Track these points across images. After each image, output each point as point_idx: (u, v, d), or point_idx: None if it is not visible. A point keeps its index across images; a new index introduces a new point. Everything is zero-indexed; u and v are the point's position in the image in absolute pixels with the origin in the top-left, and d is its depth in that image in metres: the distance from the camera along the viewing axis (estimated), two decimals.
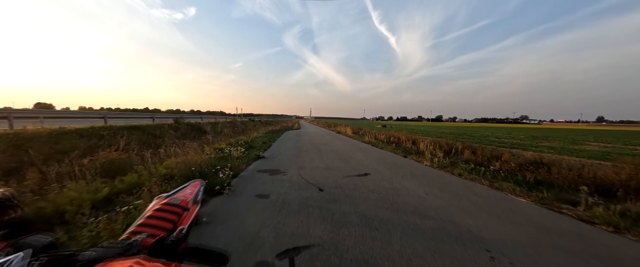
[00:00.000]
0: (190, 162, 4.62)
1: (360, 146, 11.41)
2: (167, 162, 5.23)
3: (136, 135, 11.24)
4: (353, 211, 3.21)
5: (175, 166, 4.76)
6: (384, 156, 8.34)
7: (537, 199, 3.90)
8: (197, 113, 69.88)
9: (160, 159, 5.89)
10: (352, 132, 20.90)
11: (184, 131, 15.41)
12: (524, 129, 48.35)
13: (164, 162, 5.35)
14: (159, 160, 5.78)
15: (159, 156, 6.23)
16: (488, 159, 8.73)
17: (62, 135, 8.60)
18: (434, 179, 5.11)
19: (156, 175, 4.33)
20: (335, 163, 6.63)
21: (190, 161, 4.80)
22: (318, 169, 5.80)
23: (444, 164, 6.55)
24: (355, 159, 7.43)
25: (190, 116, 25.31)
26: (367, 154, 8.53)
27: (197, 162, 5.15)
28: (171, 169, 4.67)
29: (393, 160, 7.33)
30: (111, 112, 14.90)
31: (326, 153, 8.59)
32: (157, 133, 12.86)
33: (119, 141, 5.40)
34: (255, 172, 5.53)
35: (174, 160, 5.21)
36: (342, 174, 5.37)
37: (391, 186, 4.48)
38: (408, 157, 8.03)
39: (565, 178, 5.53)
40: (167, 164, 5.16)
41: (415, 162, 7.05)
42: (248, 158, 6.94)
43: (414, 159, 7.60)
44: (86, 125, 10.18)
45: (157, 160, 5.77)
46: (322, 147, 10.27)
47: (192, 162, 4.52)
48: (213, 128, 16.17)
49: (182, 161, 4.88)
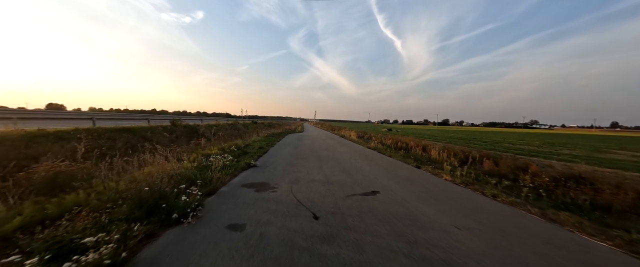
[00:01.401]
0: (154, 176, 3.70)
1: (365, 152, 10.36)
2: (131, 175, 4.32)
3: (124, 138, 10.46)
4: (357, 261, 2.20)
5: (144, 178, 3.86)
6: (393, 166, 7.28)
7: (624, 242, 2.73)
8: (202, 115, 69.93)
9: (134, 168, 4.99)
10: (356, 136, 19.83)
11: (179, 134, 14.63)
12: (537, 135, 46.35)
13: (126, 175, 4.45)
14: (132, 169, 4.88)
15: (133, 164, 5.33)
16: (512, 171, 7.60)
17: (37, 138, 7.82)
18: (463, 202, 4.02)
19: (108, 193, 3.41)
20: (337, 175, 5.63)
21: (155, 174, 3.87)
22: (315, 184, 4.80)
23: (468, 179, 5.45)
24: (360, 170, 6.40)
25: (192, 118, 24.67)
26: (373, 164, 7.49)
27: (167, 173, 4.23)
28: (134, 183, 3.75)
29: (405, 172, 6.27)
30: (101, 113, 14.18)
31: (327, 161, 7.58)
32: (149, 136, 12.06)
33: (78, 146, 4.53)
34: (239, 186, 4.56)
35: (140, 172, 4.30)
36: (343, 191, 4.36)
37: (407, 212, 3.44)
38: (422, 168, 6.96)
39: (623, 202, 4.41)
40: (132, 177, 4.26)
41: (432, 176, 5.96)
42: (236, 167, 6.00)
43: (430, 171, 6.51)
44: (70, 127, 9.43)
45: (128, 169, 4.88)
46: (323, 154, 9.27)
47: (154, 177, 3.60)
48: (209, 131, 15.35)
49: (147, 174, 3.96)
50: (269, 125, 31.87)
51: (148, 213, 2.86)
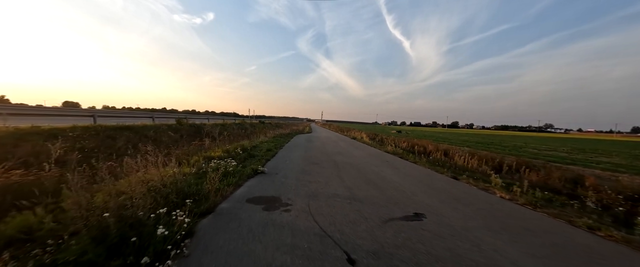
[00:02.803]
0: (134, 189, 2.82)
1: (384, 157, 9.30)
2: (109, 187, 3.46)
3: (125, 137, 9.76)
4: None
5: (120, 191, 3.00)
6: (425, 175, 6.20)
7: None
8: (210, 114, 70.16)
9: (118, 176, 4.15)
10: (368, 138, 18.74)
11: (184, 133, 13.94)
12: (556, 139, 43.87)
13: (107, 186, 3.60)
14: (117, 176, 4.04)
15: (120, 170, 4.49)
16: (563, 184, 6.43)
17: (28, 135, 7.16)
18: (553, 238, 2.83)
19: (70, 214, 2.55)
20: (363, 188, 4.63)
21: (136, 187, 2.99)
22: (338, 201, 3.83)
23: (534, 198, 4.27)
24: (387, 181, 5.38)
25: (199, 117, 24.13)
26: (400, 173, 6.44)
27: (154, 185, 3.35)
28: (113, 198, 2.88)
29: (443, 185, 5.19)
30: (103, 111, 13.59)
31: (345, 168, 6.59)
32: (152, 135, 11.37)
33: (52, 149, 3.69)
34: (243, 202, 3.64)
35: (113, 187, 3.43)
36: (377, 213, 3.37)
37: (482, 255, 2.40)
38: (460, 179, 5.85)
39: None
40: (109, 190, 3.40)
41: (481, 191, 4.83)
42: (241, 175, 5.09)
43: (472, 184, 5.39)
44: (67, 125, 8.78)
45: (120, 174, 4.04)
46: (338, 159, 8.28)
47: (134, 191, 2.71)
48: (215, 130, 14.61)
49: (127, 186, 3.08)
50: (277, 126, 31.11)
51: (109, 253, 1.95)
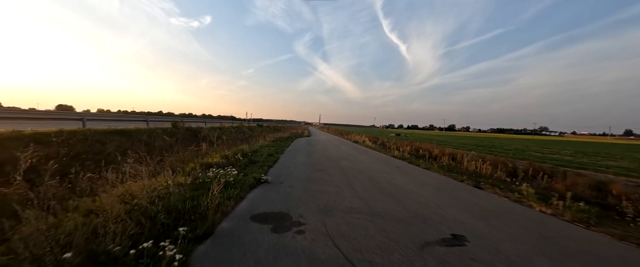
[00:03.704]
0: (111, 210, 2.30)
1: (393, 162, 8.83)
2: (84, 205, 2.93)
3: (116, 142, 9.16)
4: None
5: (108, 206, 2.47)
6: (442, 184, 5.72)
7: None
8: (207, 117, 69.28)
9: (101, 188, 3.60)
10: (371, 142, 18.30)
11: (180, 137, 13.35)
12: (554, 142, 43.95)
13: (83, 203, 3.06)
14: (98, 189, 3.49)
15: (103, 181, 3.93)
16: (583, 191, 6.01)
17: (7, 141, 6.57)
18: None
19: None
20: (379, 200, 4.14)
21: (111, 208, 2.47)
22: (357, 217, 3.33)
23: (580, 212, 3.76)
24: (405, 190, 4.89)
25: (196, 120, 23.50)
26: (416, 181, 5.95)
27: (141, 201, 2.83)
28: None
29: (470, 196, 4.68)
30: (92, 114, 12.93)
31: (354, 176, 6.10)
32: (145, 139, 10.77)
33: (22, 158, 3.13)
34: (247, 220, 3.12)
35: (104, 197, 2.89)
36: (407, 234, 2.87)
37: None
38: (483, 187, 5.37)
39: None
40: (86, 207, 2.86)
41: (515, 204, 4.28)
42: (242, 185, 4.56)
43: (500, 194, 4.88)
44: (53, 129, 8.17)
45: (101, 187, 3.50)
46: (345, 164, 7.79)
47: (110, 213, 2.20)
48: (212, 134, 14.02)
49: (107, 203, 2.56)
50: (276, 129, 30.56)
51: None
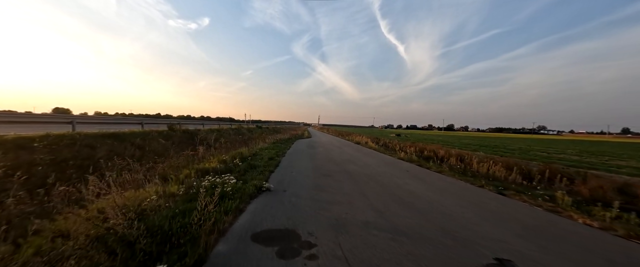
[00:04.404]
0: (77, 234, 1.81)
1: (401, 165, 8.36)
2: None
3: (107, 146, 8.64)
4: None
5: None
6: (462, 190, 5.24)
7: None
8: (206, 119, 68.62)
9: (78, 201, 3.12)
10: (373, 143, 17.83)
11: (177, 140, 12.83)
12: (556, 141, 43.68)
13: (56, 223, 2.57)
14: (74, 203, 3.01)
15: (81, 194, 3.45)
16: (608, 195, 5.57)
17: None
18: None
19: None
20: (398, 212, 3.67)
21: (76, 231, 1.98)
22: (375, 235, 2.85)
23: (627, 225, 3.30)
24: (424, 199, 4.41)
25: (194, 122, 22.93)
26: (432, 187, 5.46)
27: (119, 220, 2.34)
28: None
29: (498, 206, 4.17)
30: (82, 117, 12.39)
31: (364, 182, 5.62)
32: (139, 143, 10.24)
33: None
34: (247, 242, 2.63)
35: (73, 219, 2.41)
36: (441, 257, 2.39)
37: None
38: (506, 194, 4.90)
39: None
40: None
41: (550, 214, 3.82)
42: (242, 195, 4.08)
43: (532, 203, 4.41)
44: (39, 133, 7.64)
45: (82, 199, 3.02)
46: (351, 169, 7.31)
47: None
48: (210, 137, 13.52)
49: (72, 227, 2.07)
50: (275, 131, 30.04)
51: None
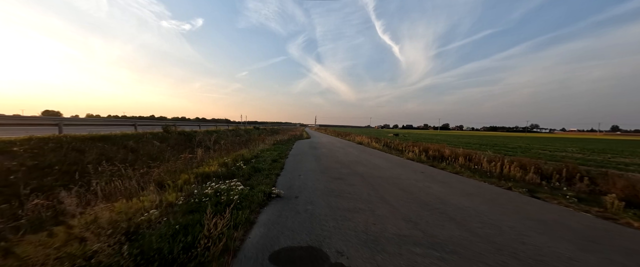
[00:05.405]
0: None
1: (413, 166, 7.93)
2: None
3: (97, 149, 8.02)
4: None
5: None
6: (491, 194, 4.80)
7: None
8: (201, 120, 67.51)
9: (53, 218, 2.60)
10: (376, 143, 17.44)
11: (172, 142, 12.20)
12: (552, 139, 44.02)
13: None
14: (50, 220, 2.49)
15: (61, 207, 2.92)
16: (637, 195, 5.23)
17: None
18: None
19: None
20: (432, 221, 3.23)
21: None
22: (413, 248, 2.39)
23: None
24: (456, 206, 3.97)
25: (190, 124, 22.22)
26: (457, 190, 5.02)
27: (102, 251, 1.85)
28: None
29: (540, 211, 3.72)
30: (70, 119, 11.68)
31: (380, 185, 5.17)
32: (132, 145, 9.63)
33: None
34: (264, 265, 2.17)
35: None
36: None
37: None
38: (539, 197, 4.50)
39: None
40: None
41: (607, 223, 3.34)
42: (251, 203, 3.60)
43: (576, 209, 3.98)
44: (21, 136, 7.02)
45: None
46: (362, 170, 6.85)
47: None
48: (208, 139, 12.93)
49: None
50: (273, 132, 29.43)
51: None
